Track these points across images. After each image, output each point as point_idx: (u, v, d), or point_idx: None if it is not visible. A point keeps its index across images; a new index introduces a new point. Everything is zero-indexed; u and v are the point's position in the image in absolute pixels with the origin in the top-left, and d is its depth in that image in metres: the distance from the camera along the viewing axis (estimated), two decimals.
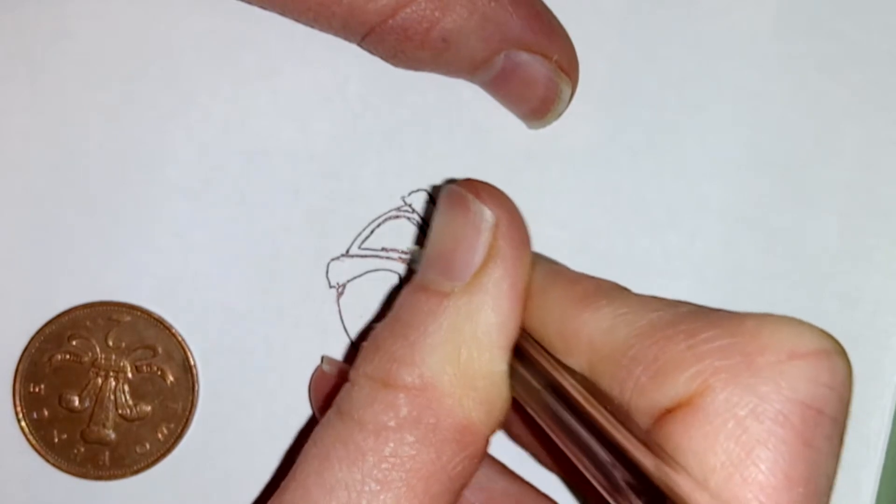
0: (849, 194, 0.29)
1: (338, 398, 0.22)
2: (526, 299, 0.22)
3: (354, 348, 0.29)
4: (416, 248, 0.29)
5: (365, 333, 0.29)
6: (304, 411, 0.29)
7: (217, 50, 0.28)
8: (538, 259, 0.23)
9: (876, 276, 0.29)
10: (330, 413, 0.21)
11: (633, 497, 0.18)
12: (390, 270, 0.29)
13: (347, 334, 0.29)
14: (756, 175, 0.29)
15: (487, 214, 0.22)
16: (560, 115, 0.28)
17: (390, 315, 0.22)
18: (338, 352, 0.29)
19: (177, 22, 0.28)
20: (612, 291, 0.21)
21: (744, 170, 0.29)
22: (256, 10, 0.28)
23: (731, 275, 0.29)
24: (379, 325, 0.22)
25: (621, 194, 0.29)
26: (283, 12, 0.27)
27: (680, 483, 0.18)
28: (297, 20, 0.27)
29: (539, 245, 0.29)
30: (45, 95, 0.28)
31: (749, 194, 0.29)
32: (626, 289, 0.21)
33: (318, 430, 0.21)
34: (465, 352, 0.21)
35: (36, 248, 0.29)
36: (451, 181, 0.27)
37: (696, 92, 0.29)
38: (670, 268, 0.29)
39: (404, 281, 0.29)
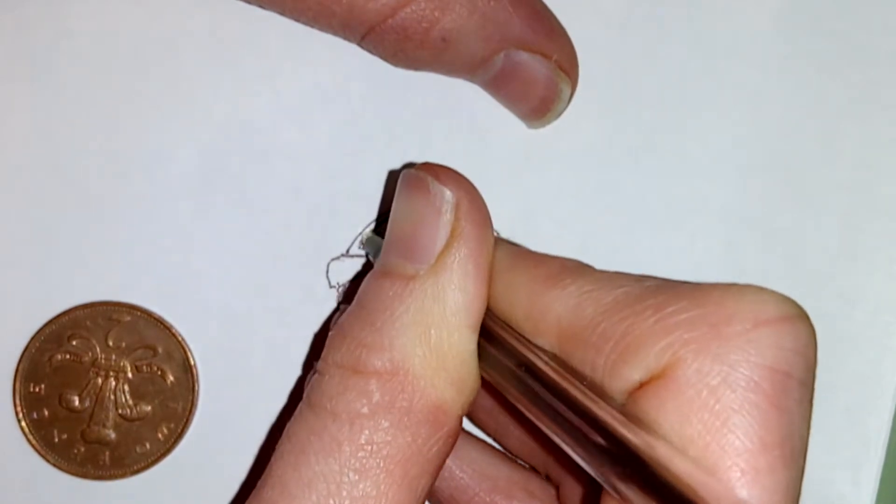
0: (849, 194, 0.29)
1: (308, 390, 0.21)
2: (490, 279, 0.22)
3: None
4: (370, 234, 0.29)
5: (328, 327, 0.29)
6: None
7: (217, 50, 0.29)
8: (500, 242, 0.23)
9: (876, 276, 0.29)
10: (301, 406, 0.21)
11: (615, 466, 0.18)
12: None
13: None
14: (756, 175, 0.29)
15: (447, 195, 0.22)
16: (560, 114, 0.28)
17: (354, 303, 0.22)
18: None
19: (177, 22, 0.28)
20: (577, 269, 0.21)
21: (744, 170, 0.29)
22: (256, 10, 0.28)
23: (731, 275, 0.29)
24: (344, 314, 0.22)
25: (621, 194, 0.29)
26: (283, 12, 0.27)
27: (661, 451, 0.18)
28: (297, 20, 0.27)
29: (539, 245, 0.29)
30: (45, 95, 0.28)
31: (749, 194, 0.29)
32: (590, 266, 0.21)
33: (291, 425, 0.21)
34: (435, 333, 0.21)
35: (36, 247, 0.29)
36: (408, 165, 0.26)
37: (696, 92, 0.29)
38: (670, 268, 0.29)
39: (362, 273, 0.29)
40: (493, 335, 0.22)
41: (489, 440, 0.28)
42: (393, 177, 0.29)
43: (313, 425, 0.21)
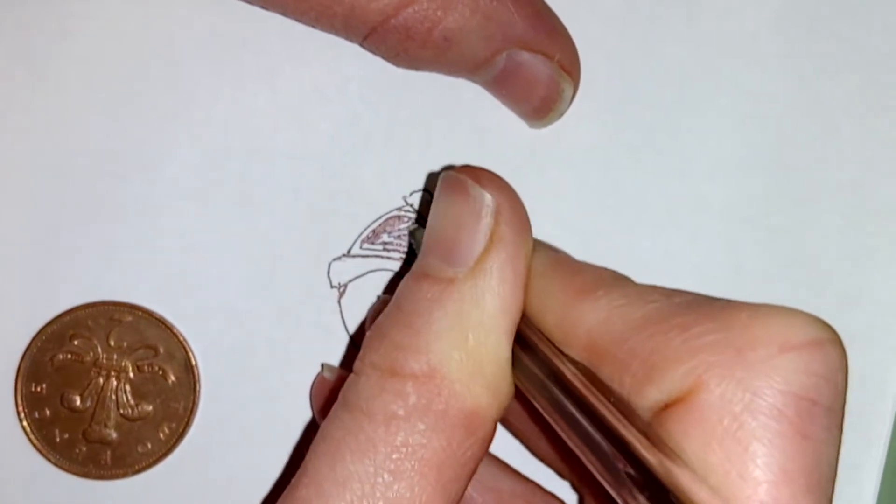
0: (849, 194, 0.29)
1: (344, 390, 0.21)
2: (527, 285, 0.22)
3: (356, 348, 0.29)
4: (416, 226, 0.29)
5: (364, 326, 0.29)
6: (306, 411, 0.29)
7: (217, 50, 0.28)
8: (538, 246, 0.23)
9: (876, 276, 0.29)
10: (337, 406, 0.21)
11: (634, 489, 0.18)
12: (391, 270, 0.29)
13: (349, 334, 0.29)
14: (756, 175, 0.29)
15: (488, 199, 0.22)
16: (561, 114, 0.28)
17: (392, 304, 0.22)
18: (339, 352, 0.29)
19: (177, 22, 0.28)
20: (610, 281, 0.21)
21: (744, 170, 0.29)
22: (256, 10, 0.28)
23: (731, 275, 0.29)
24: (381, 315, 0.22)
25: (621, 194, 0.29)
26: (285, 12, 0.27)
27: (681, 478, 0.18)
28: (299, 20, 0.27)
29: None
30: (45, 95, 0.28)
31: (749, 194, 0.29)
32: (625, 278, 0.21)
33: (325, 425, 0.21)
34: (472, 337, 0.21)
35: (37, 248, 0.29)
36: (448, 167, 0.27)
37: (696, 92, 0.29)
38: (670, 268, 0.29)
39: (401, 275, 0.29)
40: (525, 341, 0.22)
41: (492, 449, 0.28)
42: (432, 179, 0.29)
43: (349, 425, 0.20)
